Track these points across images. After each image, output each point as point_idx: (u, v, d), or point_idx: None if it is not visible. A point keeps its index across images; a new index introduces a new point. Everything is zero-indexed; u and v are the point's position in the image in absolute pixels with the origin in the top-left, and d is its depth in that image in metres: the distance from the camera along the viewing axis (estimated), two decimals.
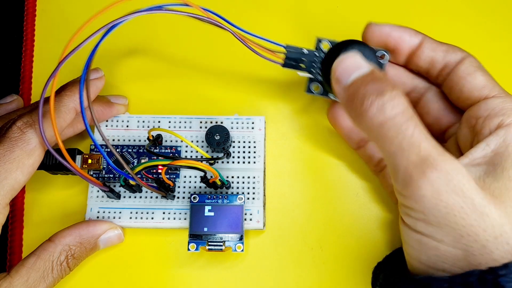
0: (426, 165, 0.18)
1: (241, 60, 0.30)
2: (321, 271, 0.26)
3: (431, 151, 0.18)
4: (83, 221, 0.26)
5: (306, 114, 0.29)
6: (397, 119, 0.19)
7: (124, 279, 0.26)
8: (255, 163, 0.27)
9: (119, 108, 0.28)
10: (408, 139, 0.18)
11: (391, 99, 0.19)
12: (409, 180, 0.18)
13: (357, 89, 0.20)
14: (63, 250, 0.24)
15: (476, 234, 0.17)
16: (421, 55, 0.23)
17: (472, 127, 0.21)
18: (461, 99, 0.22)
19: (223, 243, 0.25)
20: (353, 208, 0.27)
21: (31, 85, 0.30)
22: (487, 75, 0.22)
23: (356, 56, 0.21)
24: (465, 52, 0.23)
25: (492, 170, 0.19)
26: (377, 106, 0.19)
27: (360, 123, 0.20)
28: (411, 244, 0.19)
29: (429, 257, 0.18)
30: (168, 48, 0.30)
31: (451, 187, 0.17)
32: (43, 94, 0.21)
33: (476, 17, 0.31)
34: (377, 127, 0.19)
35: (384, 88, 0.19)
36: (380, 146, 0.19)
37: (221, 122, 0.28)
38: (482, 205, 0.17)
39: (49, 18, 0.31)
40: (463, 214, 0.17)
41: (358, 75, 0.20)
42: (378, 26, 0.24)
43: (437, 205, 0.18)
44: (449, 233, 0.18)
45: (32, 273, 0.23)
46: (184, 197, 0.27)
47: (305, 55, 0.24)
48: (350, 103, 0.20)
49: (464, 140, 0.22)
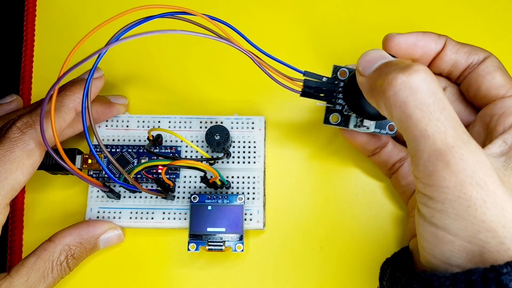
0: (452, 154, 0.17)
1: (241, 60, 0.30)
2: (321, 271, 0.26)
3: (457, 139, 0.17)
4: (83, 221, 0.26)
5: (306, 114, 0.29)
6: (424, 98, 0.17)
7: (124, 279, 0.26)
8: (255, 163, 0.27)
9: (119, 108, 0.28)
10: (434, 124, 0.17)
11: (417, 72, 0.18)
12: (432, 168, 0.17)
13: (380, 71, 0.19)
14: (63, 250, 0.24)
15: (495, 230, 0.17)
16: (444, 58, 0.23)
17: (486, 125, 0.21)
18: (478, 97, 0.23)
19: (223, 243, 0.25)
20: (353, 208, 0.27)
21: (31, 85, 0.30)
22: (506, 75, 0.22)
23: (380, 50, 0.21)
24: (487, 52, 0.23)
25: (510, 163, 0.19)
26: (401, 80, 0.18)
27: (385, 104, 0.18)
28: (426, 236, 0.19)
29: (443, 252, 0.18)
30: (169, 48, 0.30)
31: (476, 179, 0.17)
32: (48, 96, 0.21)
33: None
34: (402, 105, 0.18)
35: (410, 64, 0.18)
36: (403, 129, 0.18)
37: (221, 122, 0.28)
38: (504, 200, 0.17)
39: (49, 18, 0.31)
40: (485, 208, 0.17)
41: (382, 62, 0.20)
42: (403, 37, 0.23)
43: (459, 198, 0.17)
44: (466, 228, 0.17)
45: (32, 273, 0.23)
46: (184, 197, 0.27)
47: (324, 84, 0.23)
48: (374, 86, 0.19)
49: (476, 138, 0.22)
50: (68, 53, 0.21)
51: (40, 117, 0.21)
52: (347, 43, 0.30)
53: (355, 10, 0.31)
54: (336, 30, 0.30)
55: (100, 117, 0.27)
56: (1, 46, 0.31)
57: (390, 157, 0.26)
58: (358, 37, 0.30)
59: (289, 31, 0.30)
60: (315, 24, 0.31)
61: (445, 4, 0.31)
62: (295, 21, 0.31)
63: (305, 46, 0.30)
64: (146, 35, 0.19)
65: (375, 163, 0.27)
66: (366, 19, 0.31)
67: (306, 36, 0.30)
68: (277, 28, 0.31)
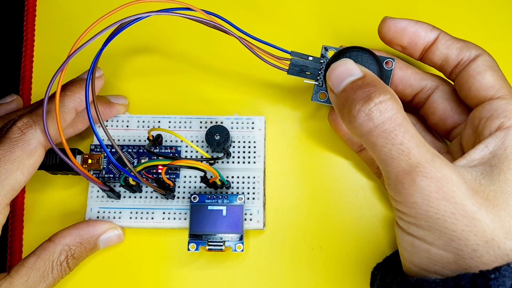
0: (416, 172, 0.18)
1: (241, 60, 0.30)
2: (321, 271, 0.26)
3: (421, 158, 0.18)
4: (83, 221, 0.26)
5: (306, 114, 0.29)
6: (385, 126, 0.19)
7: (124, 279, 0.26)
8: (255, 163, 0.27)
9: (119, 108, 0.28)
10: (397, 147, 0.18)
11: (379, 104, 0.19)
12: (400, 187, 0.18)
13: (347, 96, 0.20)
14: (63, 250, 0.24)
15: (466, 239, 0.17)
16: (436, 51, 0.23)
17: (475, 128, 0.21)
18: (468, 97, 0.22)
19: (223, 243, 0.25)
20: (352, 208, 0.27)
21: (31, 85, 0.30)
22: (498, 75, 0.22)
23: (347, 63, 0.21)
24: (480, 50, 0.22)
25: (489, 171, 0.19)
26: (364, 113, 0.19)
27: (351, 131, 0.20)
28: (405, 246, 0.19)
29: (421, 259, 0.19)
30: (168, 48, 0.30)
31: (442, 194, 0.18)
32: (47, 92, 0.21)
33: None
34: (366, 134, 0.19)
35: (372, 94, 0.19)
36: (371, 153, 0.20)
37: (221, 122, 0.28)
38: (473, 211, 0.17)
39: (49, 18, 0.31)
40: (454, 219, 0.18)
41: (348, 81, 0.21)
42: (393, 21, 0.24)
43: (428, 211, 0.18)
44: (440, 237, 0.18)
45: (32, 273, 0.23)
46: (184, 197, 0.27)
47: (310, 62, 0.24)
48: (342, 109, 0.20)
49: (467, 140, 0.22)
50: (68, 53, 0.21)
51: (43, 113, 0.21)
52: (346, 25, 0.30)
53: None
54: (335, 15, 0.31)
55: (100, 117, 0.27)
56: (1, 46, 0.31)
57: None
58: (356, 21, 0.30)
59: (279, 19, 0.31)
60: (314, 8, 0.31)
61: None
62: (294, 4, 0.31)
63: (294, 32, 0.30)
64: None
65: (363, 160, 0.27)
66: (364, 5, 0.31)
67: (297, 23, 0.30)
68: (267, 15, 0.31)
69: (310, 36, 0.30)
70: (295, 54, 0.24)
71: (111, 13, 0.21)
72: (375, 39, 0.25)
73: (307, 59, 0.24)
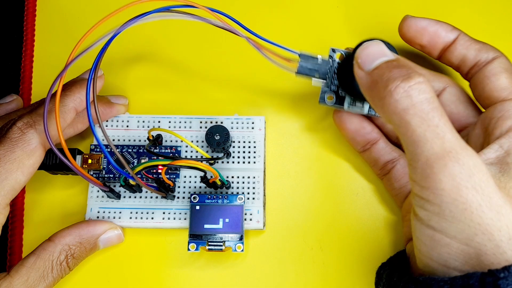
0: (449, 158, 0.17)
1: (241, 60, 0.30)
2: (321, 271, 0.26)
3: (455, 144, 0.18)
4: (83, 221, 0.26)
5: (306, 114, 0.29)
6: (423, 106, 0.18)
7: (124, 279, 0.26)
8: (255, 163, 0.27)
9: (119, 108, 0.28)
10: (433, 129, 0.18)
11: (418, 84, 0.18)
12: (429, 171, 0.18)
13: (382, 73, 0.19)
14: (63, 249, 0.24)
15: (491, 234, 0.17)
16: (454, 52, 0.23)
17: (485, 128, 0.21)
18: (481, 98, 0.22)
19: (223, 243, 0.25)
20: (353, 208, 0.27)
21: (31, 85, 0.30)
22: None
23: (380, 44, 0.21)
24: (498, 53, 0.23)
25: (506, 169, 0.19)
26: (403, 90, 0.18)
27: (383, 108, 0.19)
28: (423, 240, 0.19)
29: (441, 254, 0.18)
30: (169, 48, 0.30)
31: (472, 183, 0.17)
32: (50, 92, 0.21)
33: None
34: (401, 112, 0.18)
35: (411, 73, 0.19)
36: (401, 133, 0.19)
37: (221, 122, 0.28)
38: (499, 205, 0.17)
39: (49, 18, 0.31)
40: (480, 212, 0.17)
41: (382, 60, 0.20)
42: (414, 20, 0.24)
43: (455, 200, 0.17)
44: (463, 230, 0.17)
45: (32, 272, 0.22)
46: (184, 197, 0.27)
47: (319, 63, 0.24)
48: (373, 87, 0.20)
49: (475, 140, 0.22)
50: (68, 53, 0.21)
51: (44, 115, 0.21)
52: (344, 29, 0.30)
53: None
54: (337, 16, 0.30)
55: (100, 117, 0.27)
56: (1, 46, 0.31)
57: (382, 155, 0.26)
58: (358, 23, 0.30)
59: (287, 19, 0.31)
60: (315, 11, 0.31)
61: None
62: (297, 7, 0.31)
63: (302, 32, 0.30)
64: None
65: (366, 160, 0.27)
66: (370, 8, 0.31)
67: (305, 23, 0.30)
68: (275, 14, 0.31)
69: (319, 37, 0.30)
70: (304, 55, 0.24)
71: (113, 14, 0.21)
72: (385, 38, 0.24)
73: (316, 59, 0.24)
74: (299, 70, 0.24)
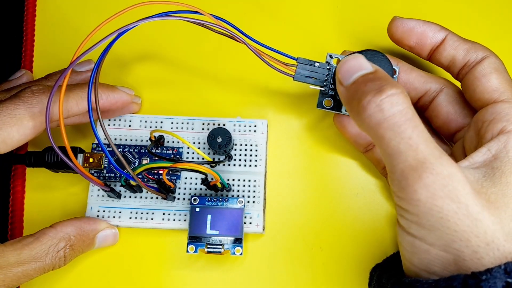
0: (423, 169, 0.18)
1: (244, 63, 0.30)
2: (321, 272, 0.26)
3: (429, 155, 0.18)
4: (83, 216, 0.26)
5: (308, 119, 0.29)
6: (396, 119, 0.18)
7: (123, 279, 0.26)
8: (256, 167, 0.27)
9: (123, 95, 0.27)
10: (406, 141, 0.18)
11: (390, 96, 0.19)
12: (405, 183, 0.18)
13: (357, 87, 0.20)
14: (63, 238, 0.24)
15: (468, 240, 0.17)
16: (443, 52, 0.23)
17: (478, 131, 0.21)
18: (473, 99, 0.22)
19: (222, 246, 0.25)
20: (352, 209, 0.27)
21: None
22: (503, 78, 0.22)
23: (359, 57, 0.21)
24: (488, 52, 0.22)
25: (491, 174, 0.19)
26: (375, 104, 0.19)
27: (359, 123, 0.20)
28: (405, 246, 0.19)
29: (421, 260, 0.19)
30: (173, 50, 0.30)
31: (446, 192, 0.17)
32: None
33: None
34: (375, 126, 0.19)
35: (384, 86, 0.19)
36: (378, 146, 0.19)
37: (223, 125, 0.28)
38: (476, 212, 0.17)
39: (49, 18, 0.31)
40: (457, 219, 0.17)
41: (359, 74, 0.20)
42: (402, 21, 0.24)
43: (431, 210, 0.18)
44: (441, 237, 0.18)
45: (26, 250, 0.22)
46: (184, 198, 0.27)
47: (317, 69, 0.24)
48: (350, 101, 0.20)
49: (469, 143, 0.22)
50: (68, 53, 0.21)
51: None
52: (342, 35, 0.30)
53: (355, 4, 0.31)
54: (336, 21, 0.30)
55: (105, 103, 0.26)
56: (1, 46, 0.31)
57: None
58: (361, 24, 0.30)
59: (285, 25, 0.31)
60: (313, 17, 0.31)
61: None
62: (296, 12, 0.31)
63: (300, 38, 0.30)
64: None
65: (370, 160, 0.27)
66: (365, 11, 0.31)
67: (304, 29, 0.30)
68: (274, 21, 0.31)
69: (316, 42, 0.30)
70: (301, 60, 0.24)
71: (117, 15, 0.21)
72: (380, 41, 0.24)
73: (313, 65, 0.24)
74: (296, 78, 0.24)
